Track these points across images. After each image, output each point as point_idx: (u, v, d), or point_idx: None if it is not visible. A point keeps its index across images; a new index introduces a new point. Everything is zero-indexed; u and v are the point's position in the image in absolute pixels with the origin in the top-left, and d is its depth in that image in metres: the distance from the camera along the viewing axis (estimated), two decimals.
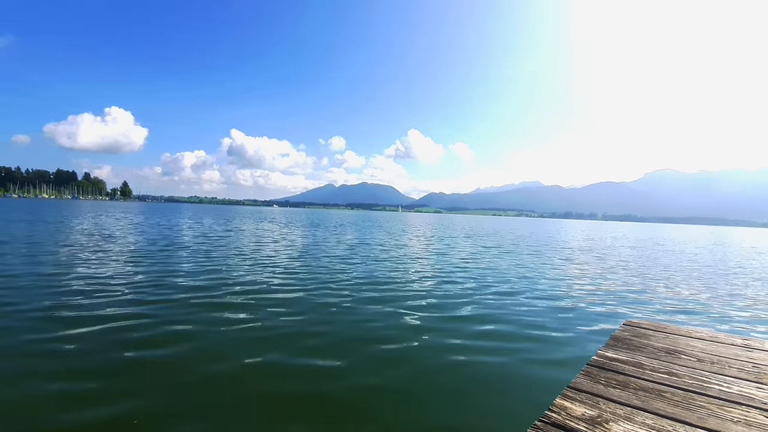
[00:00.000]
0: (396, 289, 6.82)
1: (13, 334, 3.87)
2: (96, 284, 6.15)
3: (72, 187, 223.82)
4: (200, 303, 5.34)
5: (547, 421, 1.35)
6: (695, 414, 1.43)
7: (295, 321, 4.74)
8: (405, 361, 3.69)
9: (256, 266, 8.66)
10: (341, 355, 3.73)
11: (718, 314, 6.04)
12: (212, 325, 4.42)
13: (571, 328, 4.93)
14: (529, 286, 7.74)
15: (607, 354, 2.03)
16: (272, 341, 4.03)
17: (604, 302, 6.56)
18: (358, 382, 3.22)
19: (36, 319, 4.39)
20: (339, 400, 2.91)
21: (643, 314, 5.89)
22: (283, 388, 3.05)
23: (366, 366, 3.54)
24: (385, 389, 3.13)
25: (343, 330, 4.52)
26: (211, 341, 3.95)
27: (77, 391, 2.84)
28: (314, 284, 6.94)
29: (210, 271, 7.79)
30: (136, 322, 4.43)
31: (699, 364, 1.94)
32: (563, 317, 5.46)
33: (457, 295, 6.56)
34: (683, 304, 6.71)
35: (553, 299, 6.59)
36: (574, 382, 1.67)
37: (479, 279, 8.30)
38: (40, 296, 5.32)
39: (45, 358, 3.39)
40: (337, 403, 2.87)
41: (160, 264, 8.34)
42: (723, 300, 7.18)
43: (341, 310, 5.36)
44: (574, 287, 7.85)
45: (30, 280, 6.28)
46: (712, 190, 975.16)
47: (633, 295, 7.23)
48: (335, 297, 6.06)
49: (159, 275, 7.11)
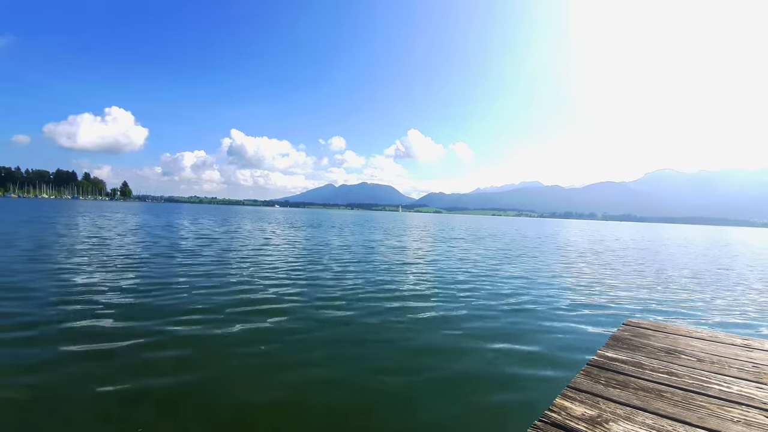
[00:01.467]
0: (402, 295, 6.82)
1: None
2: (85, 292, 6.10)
3: (72, 187, 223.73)
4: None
5: (547, 420, 1.35)
6: (695, 414, 1.43)
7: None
8: (405, 363, 3.70)
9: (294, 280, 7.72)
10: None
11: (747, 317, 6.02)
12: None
13: (571, 329, 4.93)
14: (530, 287, 7.74)
15: (607, 354, 2.03)
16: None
17: (606, 303, 6.56)
18: (359, 384, 3.23)
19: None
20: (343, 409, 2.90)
21: (666, 315, 5.89)
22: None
23: (363, 370, 3.54)
24: (387, 390, 3.13)
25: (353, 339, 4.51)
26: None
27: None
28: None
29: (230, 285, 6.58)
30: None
31: (699, 363, 1.94)
32: (563, 318, 5.46)
33: (458, 295, 6.56)
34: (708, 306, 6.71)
35: (553, 300, 6.59)
36: (574, 382, 1.67)
37: (480, 280, 8.29)
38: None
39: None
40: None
41: (176, 294, 5.84)
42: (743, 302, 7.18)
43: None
44: (574, 288, 7.85)
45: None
46: (712, 190, 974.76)
47: (639, 295, 7.24)
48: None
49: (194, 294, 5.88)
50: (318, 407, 2.82)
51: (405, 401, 2.94)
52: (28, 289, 5.64)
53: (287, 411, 2.75)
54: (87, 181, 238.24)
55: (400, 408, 2.85)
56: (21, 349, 3.56)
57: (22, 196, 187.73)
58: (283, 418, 2.66)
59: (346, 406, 2.85)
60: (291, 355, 3.73)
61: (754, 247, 25.41)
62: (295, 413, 2.73)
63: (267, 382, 3.14)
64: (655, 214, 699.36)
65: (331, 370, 3.44)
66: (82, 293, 5.58)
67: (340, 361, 3.65)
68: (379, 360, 3.72)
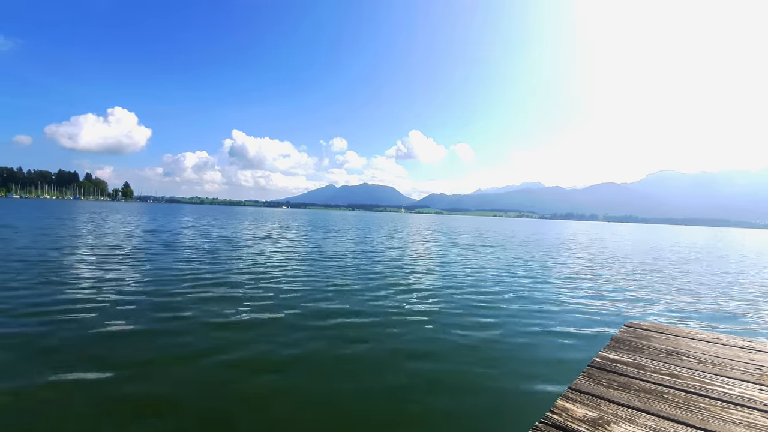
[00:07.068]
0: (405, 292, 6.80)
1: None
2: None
3: (74, 187, 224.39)
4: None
5: (549, 422, 1.35)
6: (697, 416, 1.43)
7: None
8: (406, 363, 3.70)
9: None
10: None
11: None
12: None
13: (572, 329, 4.92)
14: (534, 288, 7.73)
15: (609, 355, 2.02)
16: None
17: (607, 303, 6.55)
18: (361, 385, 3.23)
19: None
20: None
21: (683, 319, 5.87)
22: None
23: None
24: (386, 393, 3.13)
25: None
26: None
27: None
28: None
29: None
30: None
31: (700, 365, 1.93)
32: (564, 317, 5.45)
33: (459, 296, 6.56)
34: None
35: (553, 300, 6.58)
36: (575, 384, 1.66)
37: (482, 280, 8.29)
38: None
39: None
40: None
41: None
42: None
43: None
44: (574, 288, 7.83)
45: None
46: (714, 191, 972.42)
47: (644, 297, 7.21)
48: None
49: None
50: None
51: (404, 402, 2.94)
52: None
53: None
54: (89, 181, 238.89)
55: (400, 409, 2.85)
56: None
57: (23, 196, 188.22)
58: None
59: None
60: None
61: (757, 248, 25.30)
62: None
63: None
64: (657, 216, 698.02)
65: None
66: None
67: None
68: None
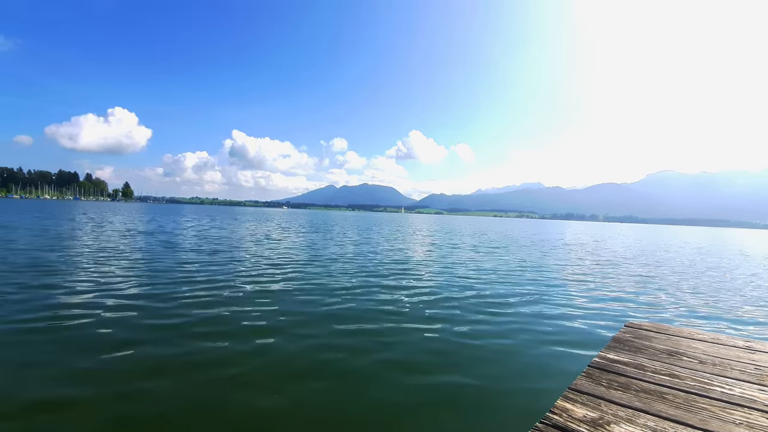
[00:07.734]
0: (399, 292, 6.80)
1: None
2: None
3: (74, 187, 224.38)
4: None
5: (549, 422, 1.35)
6: (697, 416, 1.43)
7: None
8: (406, 363, 3.70)
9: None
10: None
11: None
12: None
13: (572, 329, 4.92)
14: (535, 288, 7.73)
15: (609, 355, 2.02)
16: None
17: (607, 304, 6.54)
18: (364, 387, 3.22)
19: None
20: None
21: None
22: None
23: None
24: (385, 391, 3.13)
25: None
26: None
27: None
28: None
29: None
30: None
31: (701, 365, 1.93)
32: (564, 317, 5.44)
33: (459, 296, 6.55)
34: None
35: (554, 300, 6.58)
36: (575, 384, 1.66)
37: (483, 281, 8.28)
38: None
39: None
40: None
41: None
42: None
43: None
44: (574, 288, 7.83)
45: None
46: (714, 192, 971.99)
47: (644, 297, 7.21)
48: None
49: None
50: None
51: (404, 402, 2.94)
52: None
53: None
54: (89, 181, 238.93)
55: (399, 411, 2.85)
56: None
57: (24, 196, 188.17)
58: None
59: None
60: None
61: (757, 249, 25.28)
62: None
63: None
64: (657, 216, 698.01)
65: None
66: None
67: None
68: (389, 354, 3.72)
